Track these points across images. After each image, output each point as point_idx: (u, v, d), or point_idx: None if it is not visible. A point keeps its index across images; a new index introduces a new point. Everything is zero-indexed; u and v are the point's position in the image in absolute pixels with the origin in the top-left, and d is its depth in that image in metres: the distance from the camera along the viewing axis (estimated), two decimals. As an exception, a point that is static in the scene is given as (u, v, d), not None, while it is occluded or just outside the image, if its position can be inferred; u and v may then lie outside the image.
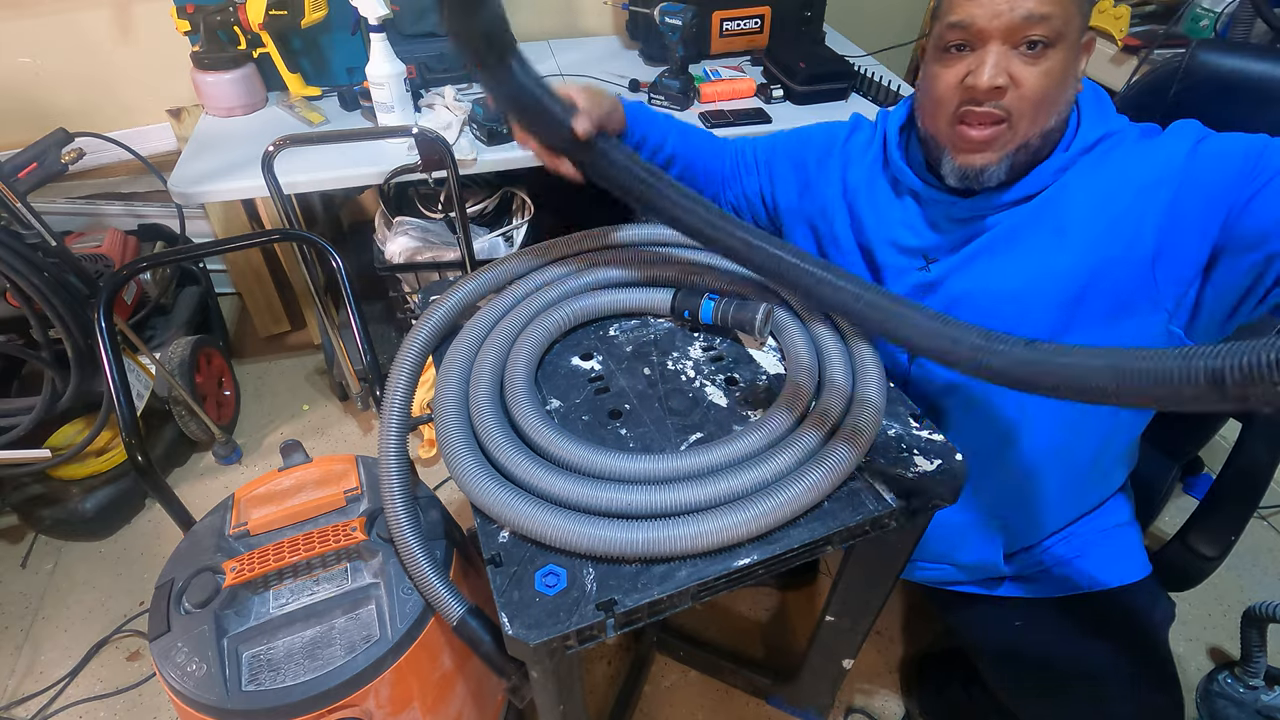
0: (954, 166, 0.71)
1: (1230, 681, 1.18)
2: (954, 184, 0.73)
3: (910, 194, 0.80)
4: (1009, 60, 0.65)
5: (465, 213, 1.36)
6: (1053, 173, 0.71)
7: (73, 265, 1.26)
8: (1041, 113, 0.67)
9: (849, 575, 0.83)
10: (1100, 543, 0.88)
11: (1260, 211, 0.61)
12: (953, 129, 0.70)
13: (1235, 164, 0.63)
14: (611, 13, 1.93)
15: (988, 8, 0.64)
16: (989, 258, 0.75)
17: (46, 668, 1.28)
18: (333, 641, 0.74)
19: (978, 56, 0.66)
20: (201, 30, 1.44)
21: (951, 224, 0.77)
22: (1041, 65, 0.65)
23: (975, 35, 0.65)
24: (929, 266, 0.79)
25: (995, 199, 0.73)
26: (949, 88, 0.68)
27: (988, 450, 0.81)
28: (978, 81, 0.65)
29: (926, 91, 0.72)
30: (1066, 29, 0.64)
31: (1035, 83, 0.65)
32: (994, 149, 0.69)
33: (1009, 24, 0.63)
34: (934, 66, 0.70)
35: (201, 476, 1.63)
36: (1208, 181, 0.64)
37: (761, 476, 0.60)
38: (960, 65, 0.67)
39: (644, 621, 0.58)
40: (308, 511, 0.84)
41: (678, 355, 0.80)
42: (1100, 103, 0.74)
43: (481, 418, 0.66)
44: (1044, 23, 0.63)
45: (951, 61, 0.68)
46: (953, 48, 0.68)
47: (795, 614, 1.37)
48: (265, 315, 1.96)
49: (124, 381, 0.92)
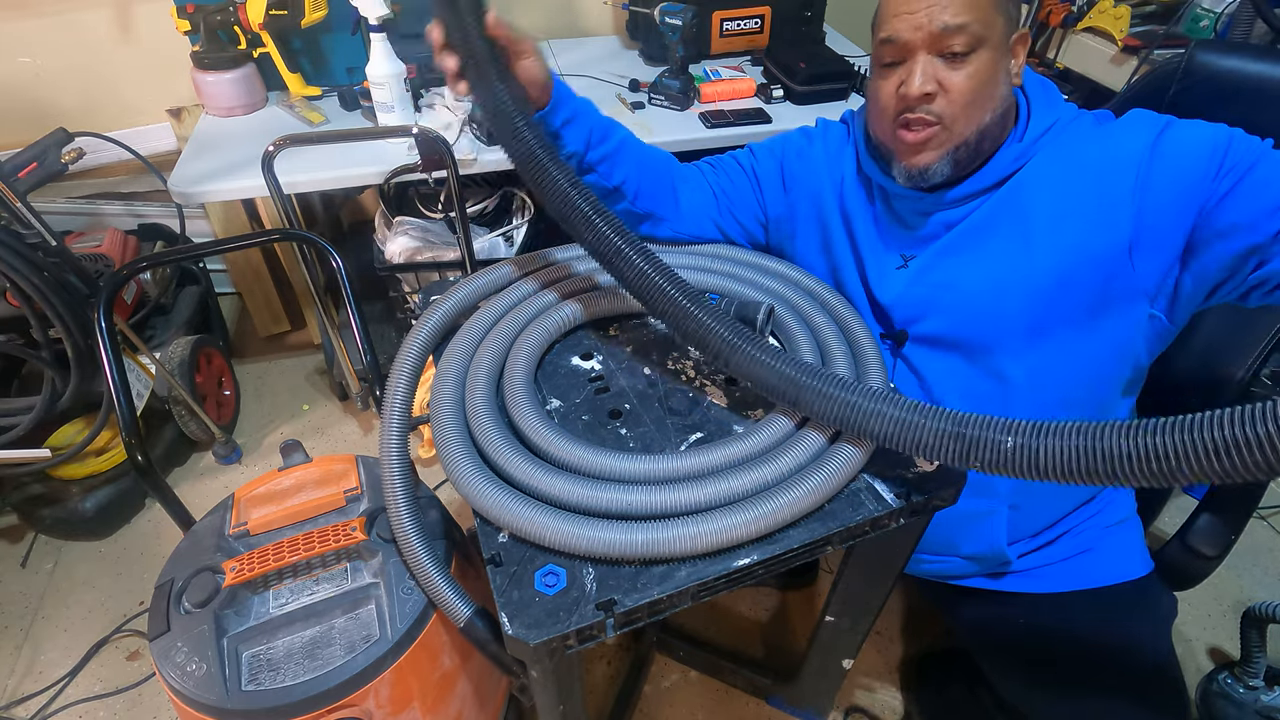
0: (901, 168, 0.76)
1: (1230, 682, 1.18)
2: (903, 184, 0.77)
3: (880, 192, 0.83)
4: (935, 68, 0.70)
5: (465, 213, 1.36)
6: (1011, 160, 0.74)
7: (73, 265, 1.26)
8: (974, 111, 0.71)
9: (849, 575, 0.84)
10: (1102, 539, 0.89)
11: (1234, 208, 0.64)
12: (894, 134, 0.75)
13: (1203, 159, 0.66)
14: (611, 13, 1.93)
15: (909, 22, 0.69)
16: (959, 254, 0.78)
17: (46, 667, 1.28)
18: (332, 641, 0.74)
19: (907, 67, 0.71)
20: (202, 30, 1.45)
21: (919, 219, 0.80)
22: (966, 69, 0.69)
23: (903, 48, 0.71)
24: (907, 264, 0.82)
25: (955, 191, 0.76)
26: (888, 97, 0.74)
27: None
28: (908, 90, 0.70)
29: (872, 103, 0.78)
30: (988, 33, 0.68)
31: (962, 85, 0.69)
32: (931, 149, 0.73)
33: (929, 35, 0.69)
34: (875, 80, 0.76)
35: (201, 476, 1.63)
36: (1176, 175, 0.67)
37: (762, 478, 0.60)
38: (895, 76, 0.73)
39: (643, 621, 0.58)
40: (308, 511, 0.84)
41: (678, 355, 0.80)
42: (1047, 91, 0.78)
43: (478, 419, 0.66)
44: (961, 31, 0.68)
45: (888, 74, 0.74)
46: (887, 61, 0.73)
47: (795, 614, 1.37)
48: (265, 315, 1.97)
49: (124, 381, 0.92)
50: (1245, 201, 0.63)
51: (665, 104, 1.58)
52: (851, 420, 0.58)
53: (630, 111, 1.57)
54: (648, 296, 0.66)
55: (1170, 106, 0.97)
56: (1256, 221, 0.63)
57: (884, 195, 0.83)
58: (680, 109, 1.57)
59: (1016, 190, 0.75)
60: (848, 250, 0.86)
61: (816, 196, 0.88)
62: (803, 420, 0.66)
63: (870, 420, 0.57)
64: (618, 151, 0.83)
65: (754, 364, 0.62)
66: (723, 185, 0.92)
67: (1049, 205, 0.73)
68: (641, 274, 0.65)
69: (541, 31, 1.91)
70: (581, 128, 0.80)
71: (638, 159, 0.85)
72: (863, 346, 0.75)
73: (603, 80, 1.69)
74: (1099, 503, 0.91)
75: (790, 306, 0.81)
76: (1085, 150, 0.73)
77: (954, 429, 0.53)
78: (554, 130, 0.79)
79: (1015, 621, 0.89)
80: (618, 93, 1.64)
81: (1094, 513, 0.90)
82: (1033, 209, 0.73)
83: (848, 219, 0.86)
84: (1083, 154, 0.73)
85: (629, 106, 1.58)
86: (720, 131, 1.49)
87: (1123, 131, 0.72)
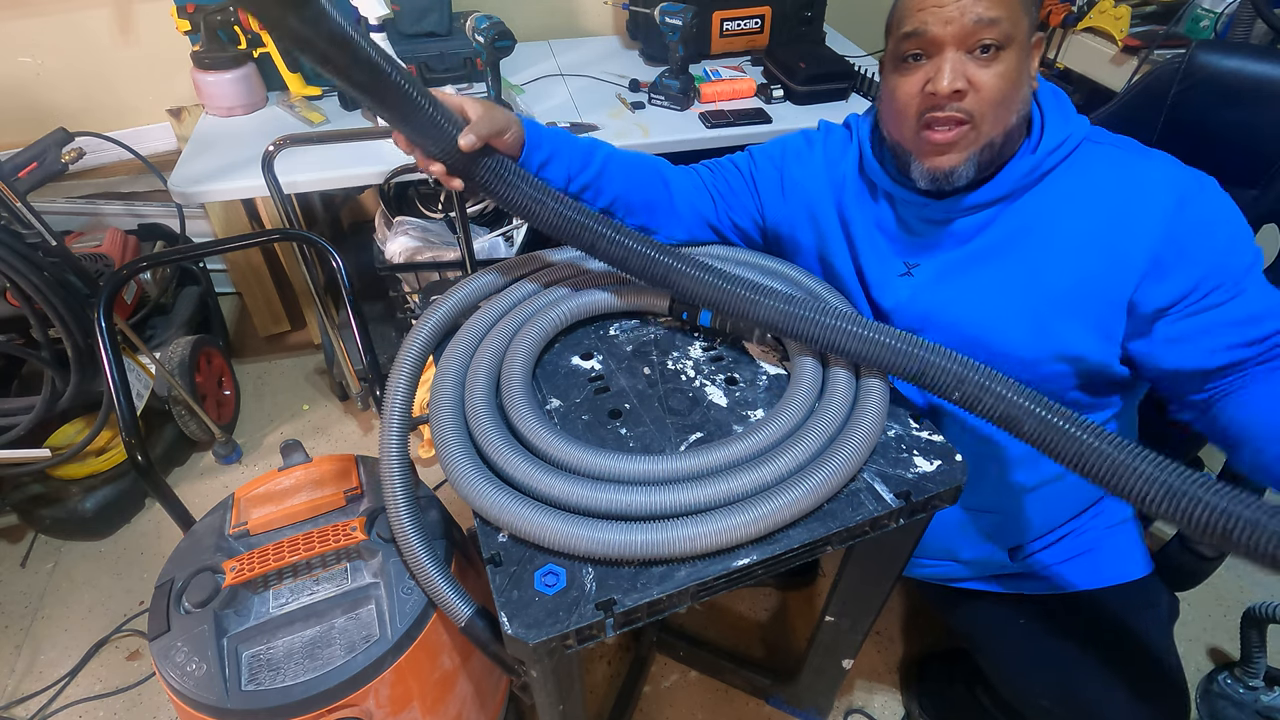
0: (923, 170, 0.73)
1: (1230, 682, 1.18)
2: (925, 187, 0.75)
3: (885, 196, 0.82)
4: (964, 64, 0.67)
5: (465, 213, 1.36)
6: (1022, 174, 0.72)
7: (73, 265, 1.26)
8: (1002, 112, 0.68)
9: (849, 575, 0.84)
10: (1103, 539, 0.89)
11: (1189, 329, 0.69)
12: (918, 135, 0.71)
13: (1215, 253, 0.67)
14: (611, 13, 1.93)
15: (939, 15, 0.66)
16: (966, 273, 0.77)
17: (46, 667, 1.28)
18: (332, 641, 0.74)
19: (934, 64, 0.68)
20: (202, 30, 1.45)
21: (925, 225, 0.79)
22: (996, 67, 0.67)
23: (930, 43, 0.67)
24: (911, 272, 0.80)
25: (965, 200, 0.74)
26: (910, 96, 0.70)
27: (988, 448, 0.82)
28: (938, 87, 0.67)
29: (889, 102, 0.74)
30: (1016, 30, 0.66)
31: (992, 84, 0.67)
32: (959, 149, 0.70)
33: (961, 29, 0.66)
34: (894, 78, 0.72)
35: (201, 476, 1.63)
36: (1189, 251, 0.68)
37: (762, 478, 0.60)
38: (919, 74, 0.69)
39: (643, 621, 0.58)
40: (308, 511, 0.84)
41: (678, 355, 0.80)
42: (1060, 102, 0.75)
43: (477, 419, 0.66)
44: (994, 26, 0.65)
45: (910, 71, 0.70)
46: (909, 57, 0.70)
47: (795, 614, 1.37)
48: (265, 315, 1.97)
49: (124, 381, 0.92)
50: (1199, 339, 0.68)
51: (665, 104, 1.58)
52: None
53: (630, 111, 1.57)
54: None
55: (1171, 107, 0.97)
56: (1199, 355, 0.68)
57: (889, 200, 0.81)
58: (680, 109, 1.57)
59: (1031, 211, 0.73)
60: (846, 255, 0.85)
61: (815, 202, 0.87)
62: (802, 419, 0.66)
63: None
64: (600, 175, 0.82)
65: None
66: (720, 189, 0.92)
67: (1065, 234, 0.71)
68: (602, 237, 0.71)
69: (542, 31, 1.91)
70: (560, 164, 0.79)
71: (624, 176, 0.84)
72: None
73: (603, 80, 1.69)
74: (1099, 504, 0.91)
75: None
76: (1108, 183, 0.71)
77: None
78: (534, 174, 0.77)
79: (1015, 622, 0.89)
80: (618, 93, 1.64)
81: (1094, 514, 0.90)
82: (1047, 235, 0.72)
83: (846, 224, 0.85)
84: (1105, 186, 0.71)
85: (629, 106, 1.58)
86: (720, 131, 1.49)
87: (1153, 175, 0.70)
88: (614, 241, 0.72)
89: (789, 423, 0.66)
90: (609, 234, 0.72)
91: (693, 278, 0.71)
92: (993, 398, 0.61)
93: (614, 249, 0.72)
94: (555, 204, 0.71)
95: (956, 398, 0.63)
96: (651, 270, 0.72)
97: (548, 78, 1.71)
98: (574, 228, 0.72)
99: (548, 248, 0.90)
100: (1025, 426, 0.60)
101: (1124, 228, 0.69)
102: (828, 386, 0.70)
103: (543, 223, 0.72)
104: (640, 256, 0.72)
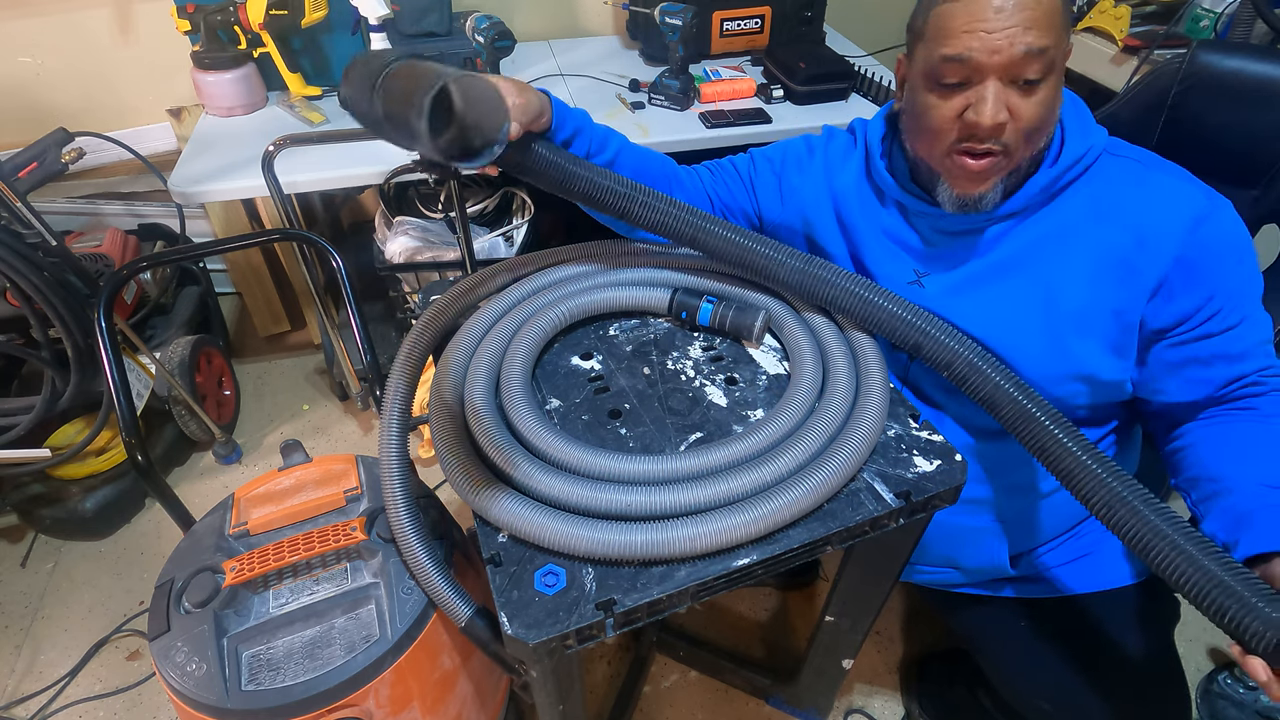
0: (952, 195, 0.71)
1: (1230, 682, 1.18)
2: (950, 210, 0.73)
3: (895, 204, 0.81)
4: (1007, 94, 0.64)
5: (465, 213, 1.36)
6: (1040, 189, 0.71)
7: (73, 265, 1.26)
8: (1036, 138, 0.67)
9: (849, 576, 0.84)
10: (1104, 542, 0.88)
11: (1189, 357, 0.70)
12: (951, 159, 0.69)
13: (1222, 278, 0.68)
14: (611, 13, 1.93)
15: (986, 43, 0.62)
16: (980, 289, 0.76)
17: (46, 667, 1.28)
18: (332, 641, 0.74)
19: (976, 92, 0.65)
20: (202, 30, 1.45)
21: (940, 236, 0.78)
22: (1037, 96, 0.64)
23: (974, 70, 0.64)
24: (921, 281, 0.80)
25: (982, 213, 0.73)
26: (947, 120, 0.67)
27: (988, 451, 0.82)
28: (980, 119, 0.64)
29: (921, 120, 0.70)
30: (1058, 56, 0.64)
31: (1032, 113, 0.65)
32: (991, 176, 0.69)
33: (1009, 60, 0.62)
34: (928, 96, 0.68)
35: (201, 476, 1.63)
36: (1197, 273, 0.68)
37: (762, 479, 0.60)
38: (958, 99, 0.66)
39: (643, 621, 0.58)
40: (308, 511, 0.84)
41: (678, 355, 0.80)
42: (1080, 113, 0.74)
43: (477, 419, 0.66)
44: (1041, 56, 0.62)
45: (948, 95, 0.67)
46: (949, 82, 0.66)
47: (795, 614, 1.37)
48: (265, 315, 1.97)
49: (124, 381, 0.92)
50: (1188, 368, 0.70)
51: (665, 104, 1.58)
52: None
53: (630, 111, 1.57)
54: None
55: (1171, 108, 0.97)
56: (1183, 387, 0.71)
57: (899, 208, 0.80)
58: (680, 109, 1.57)
59: (1047, 225, 0.72)
60: (847, 262, 0.85)
61: (812, 210, 0.87)
62: (802, 419, 0.66)
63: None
64: (615, 161, 0.82)
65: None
66: (718, 191, 0.92)
67: (1081, 249, 0.71)
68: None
69: (542, 31, 1.91)
70: (582, 141, 0.79)
71: (634, 166, 0.84)
72: (862, 346, 0.75)
73: (603, 80, 1.69)
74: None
75: (789, 306, 0.81)
76: (1125, 197, 0.70)
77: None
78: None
79: (1016, 625, 0.89)
80: (618, 93, 1.64)
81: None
82: (1063, 250, 0.72)
83: (849, 231, 0.84)
84: (1122, 201, 0.70)
85: (629, 106, 1.58)
86: (720, 132, 1.49)
87: (1170, 192, 0.69)
88: (668, 214, 0.74)
89: (789, 423, 0.66)
90: (645, 198, 0.74)
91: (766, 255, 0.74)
92: (980, 378, 0.65)
93: (668, 220, 0.74)
94: (602, 178, 0.74)
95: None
96: (720, 247, 0.75)
97: (548, 78, 1.71)
98: (624, 200, 0.74)
99: (548, 248, 0.90)
100: (1004, 410, 0.64)
101: (1139, 244, 0.69)
102: (828, 386, 0.70)
103: (585, 196, 0.74)
104: (705, 231, 0.75)
